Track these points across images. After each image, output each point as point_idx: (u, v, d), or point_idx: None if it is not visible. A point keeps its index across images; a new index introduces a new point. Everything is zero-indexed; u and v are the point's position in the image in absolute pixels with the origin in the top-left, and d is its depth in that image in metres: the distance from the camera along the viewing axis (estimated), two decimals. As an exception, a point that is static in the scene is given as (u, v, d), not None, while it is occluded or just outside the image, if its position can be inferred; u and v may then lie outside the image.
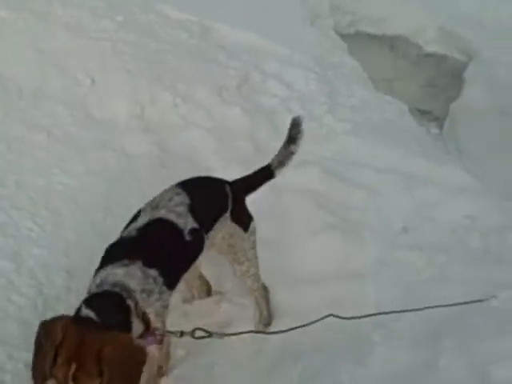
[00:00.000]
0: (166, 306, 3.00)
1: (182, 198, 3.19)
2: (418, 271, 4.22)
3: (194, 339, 3.07)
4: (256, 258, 3.69)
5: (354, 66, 7.54)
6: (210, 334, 3.12)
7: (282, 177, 4.90)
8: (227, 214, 3.43)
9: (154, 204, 3.20)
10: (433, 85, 9.33)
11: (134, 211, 3.23)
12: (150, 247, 2.96)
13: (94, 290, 2.77)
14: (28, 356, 2.61)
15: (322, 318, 3.34)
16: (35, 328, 2.60)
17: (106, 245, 2.97)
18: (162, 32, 6.77)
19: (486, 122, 7.20)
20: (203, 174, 4.76)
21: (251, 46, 6.96)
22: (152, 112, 5.44)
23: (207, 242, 3.28)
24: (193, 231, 3.13)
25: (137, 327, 2.83)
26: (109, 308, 2.71)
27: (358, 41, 9.36)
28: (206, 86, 5.89)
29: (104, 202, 4.34)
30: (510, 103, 7.27)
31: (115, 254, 2.93)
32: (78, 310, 2.70)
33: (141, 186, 4.55)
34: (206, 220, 3.26)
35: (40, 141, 4.77)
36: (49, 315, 2.68)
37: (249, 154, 5.21)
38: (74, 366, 2.53)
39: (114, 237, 3.03)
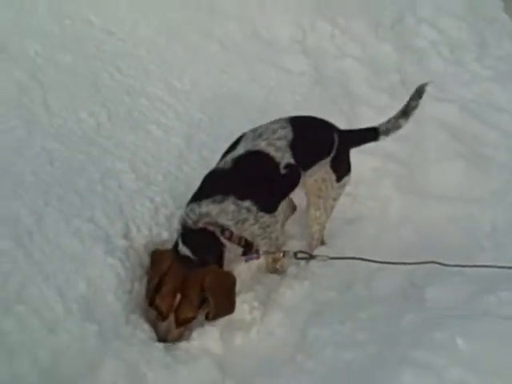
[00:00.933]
0: (267, 226, 3.31)
1: (286, 133, 3.33)
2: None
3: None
4: (332, 210, 3.89)
5: (507, 22, 7.70)
6: (312, 256, 3.46)
7: (425, 108, 5.39)
8: (328, 160, 3.58)
9: (256, 133, 3.37)
10: None
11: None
12: (244, 180, 3.21)
13: (191, 224, 3.12)
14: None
15: (424, 263, 3.50)
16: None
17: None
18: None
19: None
20: (353, 99, 5.30)
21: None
22: (311, 38, 5.97)
23: (304, 178, 3.50)
24: (288, 166, 3.30)
25: (235, 251, 3.23)
26: (204, 246, 3.10)
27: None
28: (362, 22, 6.35)
29: (262, 105, 4.94)
30: None
31: (211, 186, 3.21)
32: (176, 244, 3.14)
33: (295, 98, 5.12)
34: (305, 158, 3.42)
35: (213, 49, 5.42)
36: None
37: (395, 85, 5.68)
38: (178, 297, 2.99)
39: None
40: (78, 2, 5.35)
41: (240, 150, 3.31)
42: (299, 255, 3.45)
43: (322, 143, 3.57)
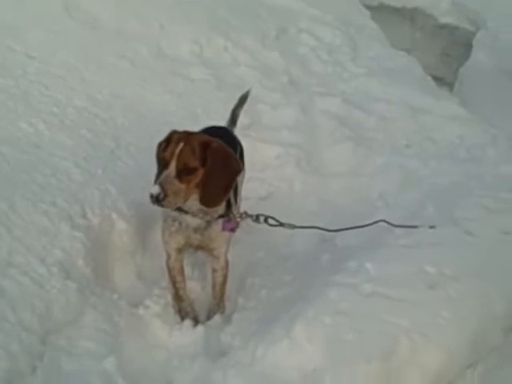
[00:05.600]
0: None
1: None
2: (415, 171, 5.39)
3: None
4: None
5: (374, 28, 8.76)
6: (281, 224, 3.68)
7: (313, 102, 6.27)
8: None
9: None
10: (446, 54, 10.58)
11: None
12: None
13: None
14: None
15: (375, 223, 3.93)
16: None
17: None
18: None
19: (489, 80, 8.43)
20: (251, 99, 6.03)
21: (288, 6, 8.26)
22: (208, 51, 6.75)
23: None
24: None
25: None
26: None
27: (380, 12, 10.50)
28: (250, 35, 7.21)
29: (175, 109, 5.61)
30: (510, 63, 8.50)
31: None
32: None
33: (202, 102, 5.83)
34: None
35: (125, 67, 6.01)
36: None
37: (285, 85, 6.57)
38: (181, 144, 3.07)
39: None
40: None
41: None
42: (269, 221, 3.69)
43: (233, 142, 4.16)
